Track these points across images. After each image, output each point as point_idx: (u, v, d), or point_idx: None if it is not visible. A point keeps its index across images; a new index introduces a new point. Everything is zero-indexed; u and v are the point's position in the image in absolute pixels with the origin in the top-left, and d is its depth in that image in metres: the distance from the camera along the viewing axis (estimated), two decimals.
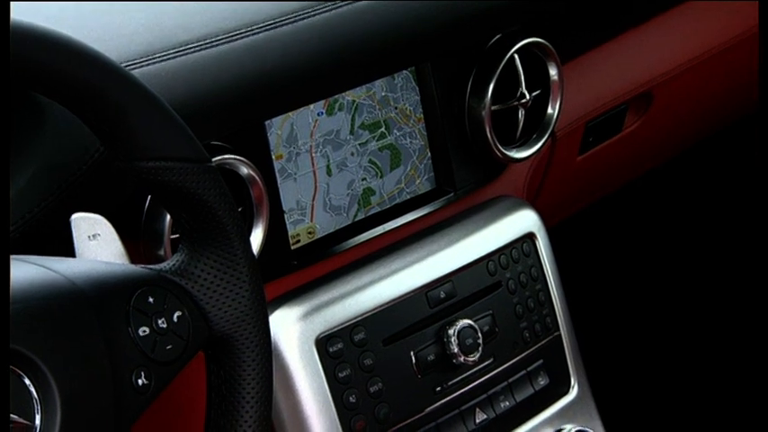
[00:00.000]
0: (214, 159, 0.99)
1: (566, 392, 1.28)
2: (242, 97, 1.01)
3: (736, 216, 1.89)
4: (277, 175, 1.11)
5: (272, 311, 1.10)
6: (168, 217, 0.99)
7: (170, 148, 0.84)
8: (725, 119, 1.69)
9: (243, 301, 0.89)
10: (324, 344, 1.11)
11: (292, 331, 1.10)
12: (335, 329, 1.12)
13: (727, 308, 1.91)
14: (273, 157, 1.11)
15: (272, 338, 1.08)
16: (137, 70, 0.97)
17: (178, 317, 0.85)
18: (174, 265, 0.87)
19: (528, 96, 1.24)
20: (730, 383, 1.89)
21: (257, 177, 1.05)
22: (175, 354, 0.84)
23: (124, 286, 0.83)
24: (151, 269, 0.86)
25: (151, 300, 0.84)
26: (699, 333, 1.93)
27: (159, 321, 0.84)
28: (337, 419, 1.11)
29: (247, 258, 0.89)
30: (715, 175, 1.91)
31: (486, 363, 1.21)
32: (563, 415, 1.26)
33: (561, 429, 1.25)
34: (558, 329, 1.28)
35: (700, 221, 1.93)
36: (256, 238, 1.07)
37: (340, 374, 1.11)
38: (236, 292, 0.88)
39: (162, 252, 0.99)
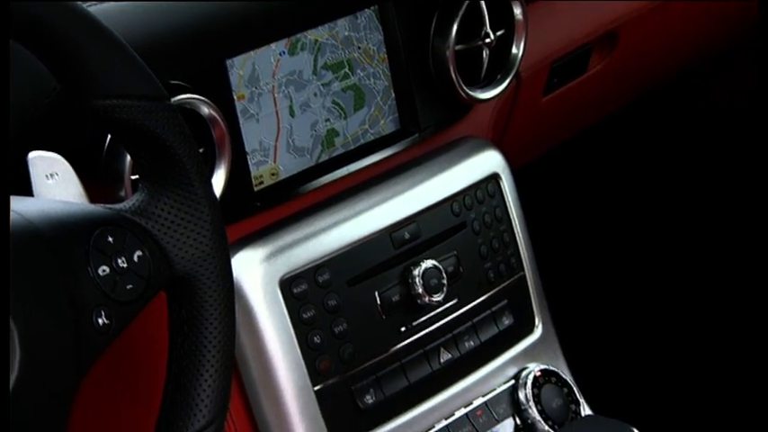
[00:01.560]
0: (174, 99, 0.98)
1: (530, 332, 1.28)
2: (202, 34, 1.00)
3: (705, 157, 1.90)
4: (239, 115, 1.10)
5: (236, 253, 1.09)
6: (128, 157, 0.98)
7: (128, 85, 0.83)
8: (690, 60, 1.69)
9: (204, 240, 0.88)
10: (288, 285, 1.11)
11: (256, 272, 1.09)
12: (299, 270, 1.11)
13: (693, 245, 1.92)
14: (235, 97, 1.10)
15: (236, 279, 1.08)
16: (93, 7, 0.95)
17: (138, 256, 0.84)
18: (133, 204, 0.86)
19: (492, 36, 1.23)
20: (695, 319, 1.91)
21: (218, 117, 1.04)
22: (136, 293, 0.84)
23: (83, 226, 0.82)
24: (110, 209, 0.85)
25: (111, 239, 0.83)
26: (664, 269, 1.94)
27: (119, 261, 0.83)
28: (302, 360, 1.11)
29: (208, 198, 0.88)
30: (681, 117, 1.91)
31: (451, 303, 1.21)
32: (527, 354, 1.27)
33: (525, 368, 1.25)
34: (523, 270, 1.28)
35: (666, 163, 1.93)
36: (219, 179, 1.06)
37: (304, 315, 1.11)
38: (198, 232, 0.88)
39: (123, 193, 0.99)
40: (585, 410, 1.27)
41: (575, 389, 1.26)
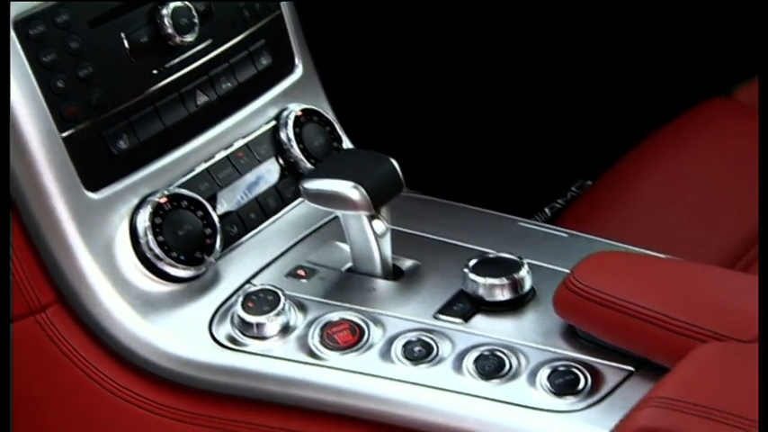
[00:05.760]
0: None
1: (290, 72, 1.26)
2: None
3: None
4: None
5: None
6: None
7: None
8: None
9: None
10: (23, 26, 1.04)
11: None
12: (35, 11, 1.05)
13: None
14: None
15: None
16: None
17: None
18: None
19: None
20: (451, 51, 1.90)
21: None
22: None
23: None
24: None
25: None
26: (428, 4, 1.90)
27: None
28: (45, 106, 1.06)
29: None
30: None
31: (205, 44, 1.17)
32: (288, 94, 1.25)
33: (286, 108, 1.23)
34: (279, 8, 1.24)
35: None
36: None
37: (44, 59, 1.06)
38: None
39: None
40: (348, 146, 1.27)
41: (336, 126, 1.25)
